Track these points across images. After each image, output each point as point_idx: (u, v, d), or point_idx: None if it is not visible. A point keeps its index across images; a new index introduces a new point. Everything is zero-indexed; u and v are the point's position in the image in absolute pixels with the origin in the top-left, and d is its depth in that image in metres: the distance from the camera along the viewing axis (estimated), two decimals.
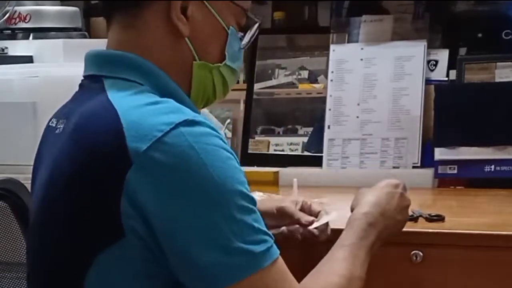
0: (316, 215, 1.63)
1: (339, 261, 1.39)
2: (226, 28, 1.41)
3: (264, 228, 1.26)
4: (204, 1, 1.38)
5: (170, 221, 1.22)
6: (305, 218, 1.61)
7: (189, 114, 1.26)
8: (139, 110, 1.26)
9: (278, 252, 1.27)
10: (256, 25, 1.48)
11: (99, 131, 1.26)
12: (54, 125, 1.41)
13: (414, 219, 1.68)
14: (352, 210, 1.51)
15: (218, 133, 1.28)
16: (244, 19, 1.45)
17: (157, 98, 1.30)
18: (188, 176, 1.22)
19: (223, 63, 1.42)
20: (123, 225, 1.23)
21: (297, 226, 1.61)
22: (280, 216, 1.63)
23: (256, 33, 1.48)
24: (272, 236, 1.27)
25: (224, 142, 1.27)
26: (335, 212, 1.61)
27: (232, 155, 1.27)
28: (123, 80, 1.33)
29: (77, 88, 1.43)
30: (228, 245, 1.22)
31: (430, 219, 1.67)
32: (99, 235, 1.25)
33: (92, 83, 1.37)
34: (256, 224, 1.25)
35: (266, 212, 1.59)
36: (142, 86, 1.32)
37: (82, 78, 1.42)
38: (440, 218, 1.67)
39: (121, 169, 1.22)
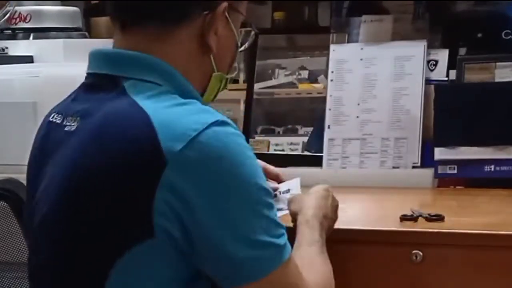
0: (276, 177, 1.73)
1: (315, 256, 1.45)
2: (238, 40, 1.46)
3: (281, 223, 1.34)
4: (229, 19, 1.41)
5: (205, 217, 1.26)
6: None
7: (218, 114, 1.31)
8: (169, 110, 1.29)
9: (290, 247, 1.35)
10: (253, 33, 1.53)
11: (131, 131, 1.28)
12: (59, 121, 1.40)
13: (414, 219, 1.68)
14: (293, 215, 1.55)
15: (242, 134, 1.33)
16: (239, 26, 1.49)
17: (182, 100, 1.33)
18: (223, 174, 1.27)
19: (234, 73, 1.50)
20: (154, 225, 1.25)
21: None
22: None
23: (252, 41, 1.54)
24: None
25: (247, 143, 1.33)
26: (298, 178, 1.71)
27: (251, 151, 1.33)
28: (143, 81, 1.35)
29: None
30: (260, 239, 1.28)
31: (430, 219, 1.67)
32: (127, 234, 1.27)
33: (107, 83, 1.36)
34: (277, 219, 1.33)
35: None
36: (162, 87, 1.34)
37: (89, 75, 1.41)
38: (439, 218, 1.67)
39: (156, 168, 1.24)
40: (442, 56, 2.30)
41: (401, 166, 2.24)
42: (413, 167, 2.23)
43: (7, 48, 2.54)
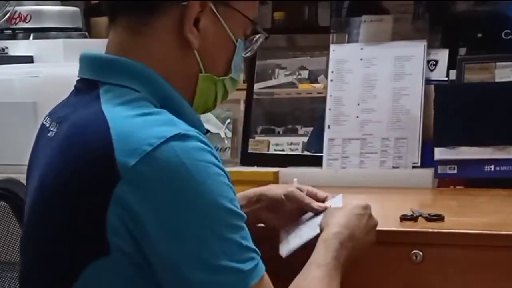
0: (323, 200, 1.62)
1: (316, 280, 1.38)
2: (235, 41, 1.39)
3: (252, 245, 1.26)
4: (218, 14, 1.36)
5: (158, 238, 1.20)
6: (316, 203, 1.60)
7: (181, 127, 1.24)
8: (130, 121, 1.24)
9: (264, 267, 1.26)
10: (263, 37, 1.46)
11: (88, 142, 1.24)
12: (47, 125, 1.38)
13: (414, 218, 1.68)
14: (321, 230, 1.49)
15: (211, 147, 1.26)
16: (249, 29, 1.43)
17: (150, 109, 1.27)
18: (178, 193, 1.20)
19: (228, 76, 1.41)
20: (109, 242, 1.21)
21: None
22: (289, 201, 1.61)
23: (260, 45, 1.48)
24: (259, 252, 1.26)
25: (216, 158, 1.25)
26: (341, 195, 1.62)
27: (223, 171, 1.25)
28: (119, 86, 1.30)
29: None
30: (218, 264, 1.21)
31: (430, 218, 1.68)
32: (86, 247, 1.23)
33: (87, 88, 1.34)
34: (244, 242, 1.24)
35: (273, 198, 1.61)
36: (138, 93, 1.29)
37: (78, 79, 1.39)
38: (439, 218, 1.67)
39: (109, 183, 1.19)
40: (442, 56, 2.30)
41: (401, 166, 2.24)
42: (413, 167, 2.23)
43: (7, 48, 2.54)
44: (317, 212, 1.58)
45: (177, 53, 1.34)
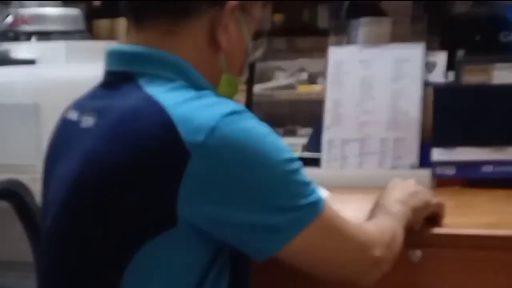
0: None
1: (387, 219, 1.50)
2: (248, 45, 1.47)
3: (309, 179, 1.38)
4: (240, 19, 1.42)
5: (234, 198, 1.30)
6: None
7: (232, 104, 1.34)
8: (186, 104, 1.32)
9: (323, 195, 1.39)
10: (265, 41, 1.56)
11: (148, 125, 1.30)
12: (75, 118, 1.42)
13: None
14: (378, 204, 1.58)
15: (255, 116, 1.37)
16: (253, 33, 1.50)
17: (197, 93, 1.35)
18: (245, 158, 1.30)
19: (241, 77, 1.50)
20: (178, 214, 1.28)
21: None
22: None
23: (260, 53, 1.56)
24: (313, 180, 1.38)
25: (262, 123, 1.37)
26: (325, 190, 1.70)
27: (269, 129, 1.37)
28: (157, 76, 1.37)
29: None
30: (298, 204, 1.33)
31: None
32: (148, 224, 1.29)
33: (123, 80, 1.38)
34: (305, 178, 1.36)
35: None
36: (177, 82, 1.36)
37: (107, 73, 1.42)
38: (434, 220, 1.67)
39: (179, 161, 1.27)
40: (441, 58, 2.30)
41: (399, 166, 2.24)
42: (412, 167, 2.24)
43: (9, 50, 2.54)
44: None
45: (205, 54, 1.41)
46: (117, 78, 1.40)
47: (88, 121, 1.39)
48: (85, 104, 1.43)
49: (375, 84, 2.31)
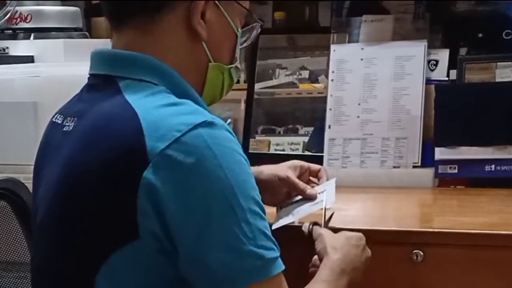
0: (316, 174, 1.70)
1: None
2: (236, 30, 1.44)
3: (273, 239, 1.27)
4: (220, 6, 1.40)
5: (185, 220, 1.23)
6: (308, 190, 1.66)
7: (207, 116, 1.28)
8: (158, 110, 1.28)
9: (283, 266, 1.27)
10: (258, 26, 1.52)
11: (119, 130, 1.27)
12: (60, 122, 1.41)
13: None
14: (320, 256, 1.49)
15: (234, 136, 1.29)
16: (243, 20, 1.48)
17: (175, 99, 1.31)
18: (205, 177, 1.23)
19: (235, 64, 1.46)
20: (138, 225, 1.23)
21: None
22: (283, 184, 1.69)
23: (257, 34, 1.53)
24: (278, 248, 1.28)
25: (239, 147, 1.29)
26: (334, 178, 1.67)
27: (246, 160, 1.29)
28: (138, 81, 1.34)
29: (79, 87, 1.43)
30: (241, 247, 1.23)
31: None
32: (114, 234, 1.26)
33: (105, 84, 1.37)
34: (267, 232, 1.26)
35: (267, 181, 1.69)
36: (158, 87, 1.34)
37: (89, 76, 1.41)
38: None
39: (139, 168, 1.23)
40: (443, 56, 2.30)
41: (401, 165, 2.24)
42: (414, 166, 2.23)
43: (7, 48, 2.53)
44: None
45: (186, 46, 1.38)
46: (100, 82, 1.38)
47: (69, 125, 1.38)
48: (69, 108, 1.43)
49: (377, 82, 2.31)
